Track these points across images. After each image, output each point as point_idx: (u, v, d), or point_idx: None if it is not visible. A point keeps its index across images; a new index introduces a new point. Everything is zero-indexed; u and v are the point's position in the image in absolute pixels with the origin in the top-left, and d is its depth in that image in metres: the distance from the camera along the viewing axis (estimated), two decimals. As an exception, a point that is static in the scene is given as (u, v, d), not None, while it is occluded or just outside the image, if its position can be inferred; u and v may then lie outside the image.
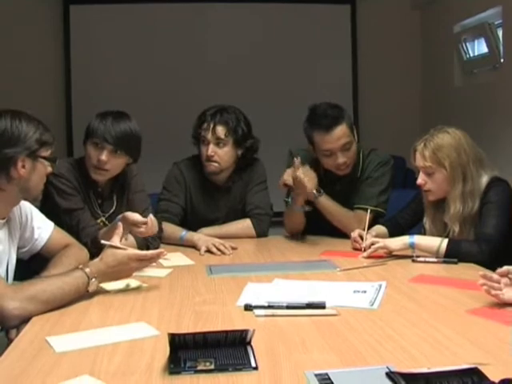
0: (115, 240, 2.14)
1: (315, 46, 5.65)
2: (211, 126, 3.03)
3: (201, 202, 3.18)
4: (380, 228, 2.92)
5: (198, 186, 3.18)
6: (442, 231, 2.70)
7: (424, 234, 2.76)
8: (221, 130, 3.03)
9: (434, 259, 2.50)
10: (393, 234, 2.86)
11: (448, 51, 5.36)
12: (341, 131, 2.90)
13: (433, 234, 2.71)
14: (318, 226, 3.07)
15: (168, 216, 3.07)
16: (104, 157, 2.66)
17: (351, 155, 2.98)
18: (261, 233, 3.15)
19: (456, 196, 2.61)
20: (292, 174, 2.88)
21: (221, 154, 3.06)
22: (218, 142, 3.05)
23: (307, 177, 2.86)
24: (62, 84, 5.49)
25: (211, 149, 3.04)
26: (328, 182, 3.05)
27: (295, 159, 2.85)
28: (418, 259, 2.52)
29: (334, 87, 5.45)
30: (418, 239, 2.59)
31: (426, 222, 2.77)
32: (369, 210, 2.87)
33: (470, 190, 2.60)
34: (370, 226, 2.85)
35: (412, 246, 2.58)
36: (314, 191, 2.95)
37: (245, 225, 3.15)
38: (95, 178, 2.74)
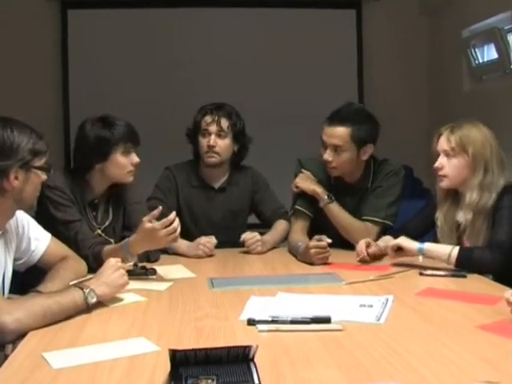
0: None
1: (319, 52, 5.66)
2: (216, 118, 3.18)
3: (196, 202, 3.26)
4: (388, 239, 2.92)
5: (192, 186, 3.28)
6: (452, 230, 2.72)
7: (434, 236, 2.78)
8: (224, 123, 3.19)
9: (442, 272, 2.50)
10: None
11: (456, 57, 5.37)
12: (338, 132, 2.94)
13: (444, 232, 2.72)
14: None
15: None
16: (137, 158, 2.78)
17: (340, 161, 2.98)
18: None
19: (474, 185, 2.62)
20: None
21: (221, 146, 3.20)
22: (220, 134, 3.19)
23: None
24: (60, 89, 5.51)
25: (213, 139, 3.17)
26: (338, 191, 3.07)
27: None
28: (426, 272, 2.52)
29: (338, 93, 5.44)
30: (428, 245, 2.61)
31: (438, 218, 2.78)
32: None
33: (489, 182, 2.62)
34: (376, 239, 2.86)
35: (421, 251, 2.59)
36: (326, 197, 3.00)
37: (284, 225, 3.26)
38: (129, 180, 2.81)
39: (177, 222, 2.48)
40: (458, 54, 5.35)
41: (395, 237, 2.91)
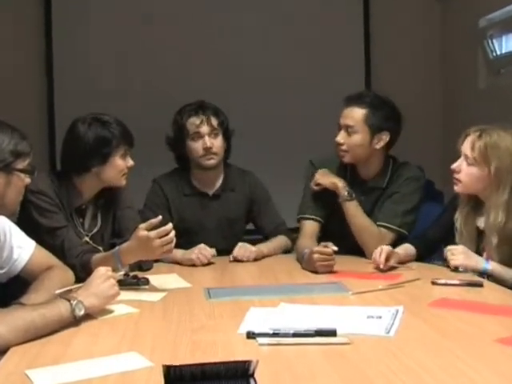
0: None
1: (324, 43, 5.65)
2: (204, 118, 3.20)
3: (189, 211, 3.29)
4: (408, 247, 2.92)
5: (184, 195, 3.30)
6: (472, 235, 2.72)
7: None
8: (214, 121, 3.22)
9: (457, 281, 2.50)
10: (423, 253, 2.88)
11: (472, 48, 5.37)
12: (352, 112, 3.03)
13: (462, 236, 2.73)
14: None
15: None
16: (132, 161, 2.83)
17: (351, 144, 3.05)
18: (292, 245, 3.33)
19: (499, 204, 2.60)
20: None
21: (217, 145, 3.23)
22: (214, 134, 3.22)
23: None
24: (44, 85, 5.48)
25: (209, 140, 3.19)
26: (352, 191, 3.09)
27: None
28: (439, 281, 2.52)
29: (343, 86, 5.39)
30: (493, 266, 2.59)
31: (458, 220, 2.77)
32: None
33: None
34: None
35: (485, 271, 2.58)
36: (346, 193, 3.03)
37: (283, 239, 3.32)
38: (123, 183, 2.86)
39: (173, 233, 2.50)
40: (473, 45, 5.34)
41: (414, 245, 2.91)
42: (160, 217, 2.53)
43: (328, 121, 3.09)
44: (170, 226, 2.50)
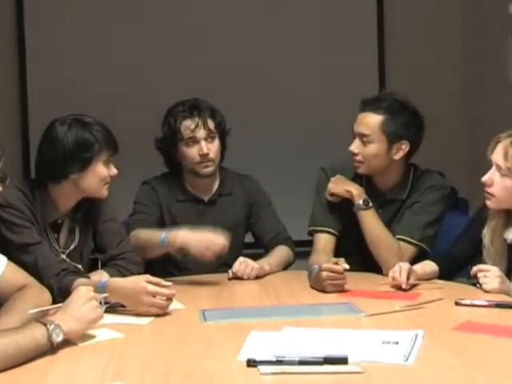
0: None
1: (334, 40, 5.63)
2: (200, 121, 3.20)
3: (183, 219, 3.28)
4: (429, 265, 2.92)
5: (177, 201, 3.33)
6: (501, 252, 2.72)
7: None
8: (211, 124, 3.23)
9: (484, 302, 2.50)
10: (447, 271, 2.88)
11: (501, 38, 5.36)
12: (367, 119, 3.04)
13: (490, 253, 2.73)
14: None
15: (140, 224, 3.17)
16: (115, 170, 2.81)
17: (366, 154, 3.06)
18: (294, 257, 3.36)
19: None
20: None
21: (214, 150, 3.25)
22: (211, 137, 3.23)
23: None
24: (16, 81, 5.48)
25: (205, 146, 3.20)
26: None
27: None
28: (464, 302, 2.52)
29: (357, 91, 5.42)
30: None
31: (486, 236, 2.78)
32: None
33: None
34: (411, 264, 2.86)
35: None
36: (361, 201, 3.04)
37: (285, 251, 3.33)
38: (104, 194, 2.85)
39: (168, 303, 2.50)
40: (503, 34, 5.33)
41: (438, 263, 2.91)
42: (174, 292, 2.54)
43: (338, 123, 3.09)
44: (172, 292, 2.52)
